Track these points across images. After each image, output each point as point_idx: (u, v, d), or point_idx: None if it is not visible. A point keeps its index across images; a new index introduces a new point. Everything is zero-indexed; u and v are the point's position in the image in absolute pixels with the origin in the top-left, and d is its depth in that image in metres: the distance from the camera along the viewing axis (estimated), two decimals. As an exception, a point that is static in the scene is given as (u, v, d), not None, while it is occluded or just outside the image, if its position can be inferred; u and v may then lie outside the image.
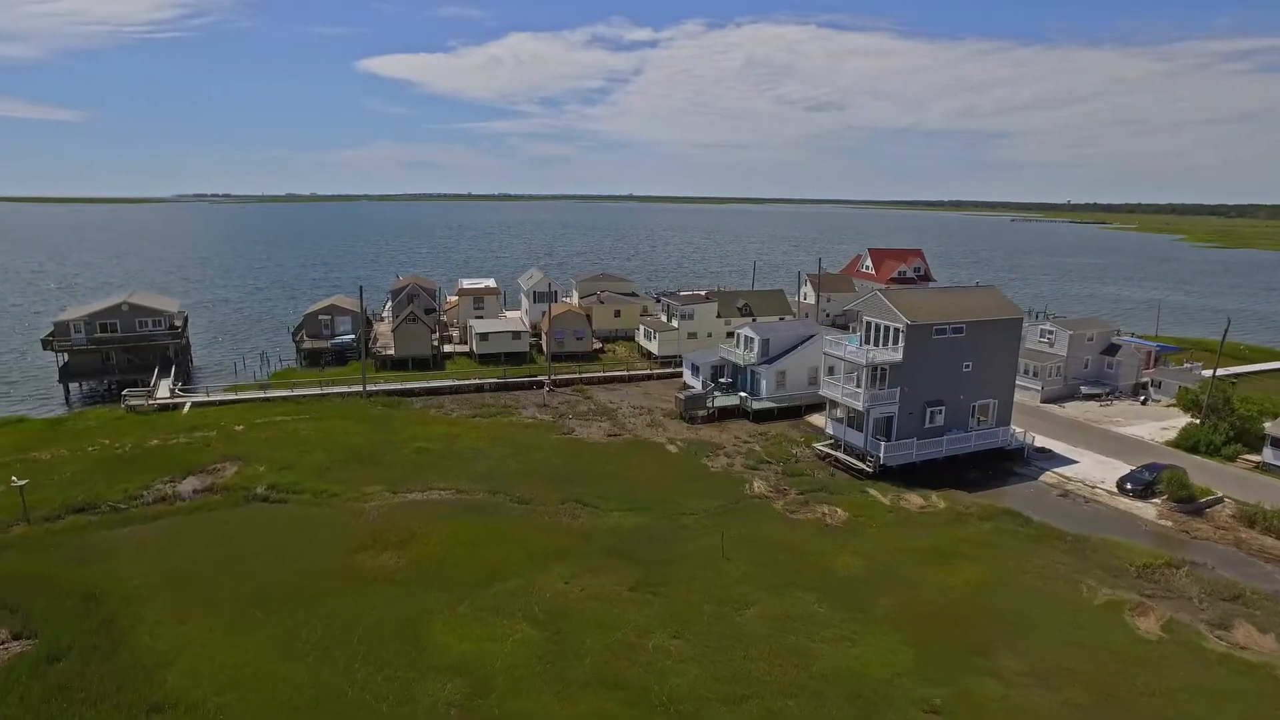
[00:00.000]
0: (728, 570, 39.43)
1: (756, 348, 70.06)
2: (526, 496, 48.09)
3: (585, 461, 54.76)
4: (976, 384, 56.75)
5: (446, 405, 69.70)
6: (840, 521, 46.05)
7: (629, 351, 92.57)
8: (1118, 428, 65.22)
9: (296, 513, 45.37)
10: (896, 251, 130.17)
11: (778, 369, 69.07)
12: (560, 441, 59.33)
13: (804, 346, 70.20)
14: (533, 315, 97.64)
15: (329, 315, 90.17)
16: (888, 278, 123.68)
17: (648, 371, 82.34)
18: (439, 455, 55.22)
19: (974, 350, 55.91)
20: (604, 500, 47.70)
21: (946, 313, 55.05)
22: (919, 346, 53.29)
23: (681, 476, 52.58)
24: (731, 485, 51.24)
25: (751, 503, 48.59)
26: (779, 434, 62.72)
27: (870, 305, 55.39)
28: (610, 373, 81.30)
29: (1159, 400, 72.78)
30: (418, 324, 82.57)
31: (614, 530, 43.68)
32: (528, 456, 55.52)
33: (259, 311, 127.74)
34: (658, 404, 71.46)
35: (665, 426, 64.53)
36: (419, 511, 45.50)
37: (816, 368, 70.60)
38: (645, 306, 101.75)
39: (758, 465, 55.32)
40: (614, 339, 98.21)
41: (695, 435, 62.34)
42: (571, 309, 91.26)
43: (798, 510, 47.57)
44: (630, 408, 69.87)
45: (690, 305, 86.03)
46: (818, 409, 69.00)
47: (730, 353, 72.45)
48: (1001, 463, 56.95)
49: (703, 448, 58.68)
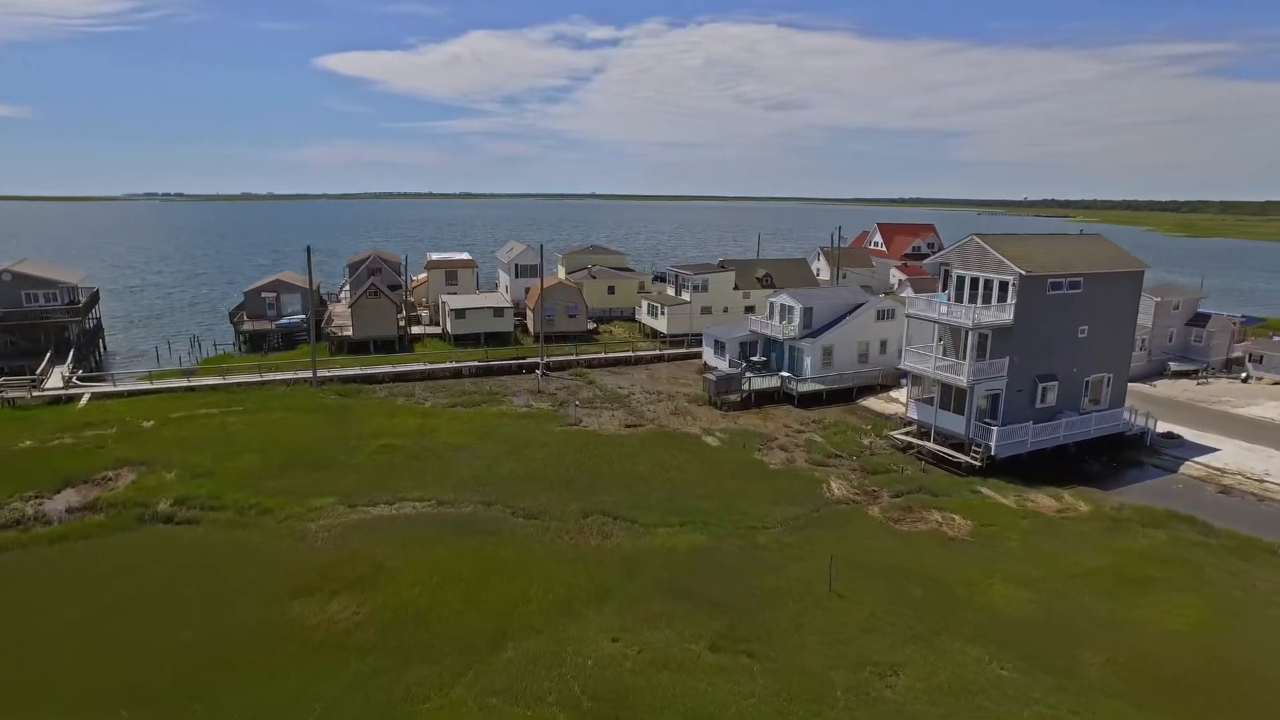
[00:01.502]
0: (844, 612, 27.06)
1: (797, 318, 57.85)
2: (534, 508, 35.28)
3: (605, 460, 42.00)
4: (1092, 354, 45.12)
5: (418, 393, 56.38)
6: (964, 533, 33.97)
7: (628, 332, 79.90)
8: (1234, 409, 54.22)
9: (211, 538, 31.99)
10: (908, 227, 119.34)
11: (823, 344, 56.92)
12: (567, 435, 46.49)
13: (853, 317, 58.16)
14: (514, 292, 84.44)
15: (274, 293, 76.03)
16: (900, 254, 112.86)
17: (658, 352, 69.70)
18: (410, 455, 42.07)
19: (1091, 311, 44.27)
20: (642, 511, 35.08)
21: (1064, 262, 43.30)
22: (1032, 305, 41.44)
23: (735, 476, 40.09)
24: (803, 487, 38.89)
25: (838, 510, 36.27)
26: (837, 421, 50.53)
27: (964, 254, 43.40)
28: (613, 354, 68.52)
29: (1261, 377, 62.13)
30: (380, 298, 68.94)
31: (666, 555, 31.06)
32: (528, 454, 42.64)
33: (194, 294, 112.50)
34: (677, 388, 58.88)
35: (693, 414, 52.00)
36: (386, 533, 32.44)
37: (867, 342, 58.77)
38: (642, 283, 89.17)
39: (826, 460, 43.03)
40: (609, 318, 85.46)
41: (734, 424, 49.89)
42: (563, 282, 78.28)
43: (902, 519, 35.37)
44: (644, 393, 57.21)
45: (704, 276, 73.62)
46: (869, 391, 57.11)
47: (763, 326, 60.14)
48: (1122, 452, 45.44)
49: (749, 439, 46.25)
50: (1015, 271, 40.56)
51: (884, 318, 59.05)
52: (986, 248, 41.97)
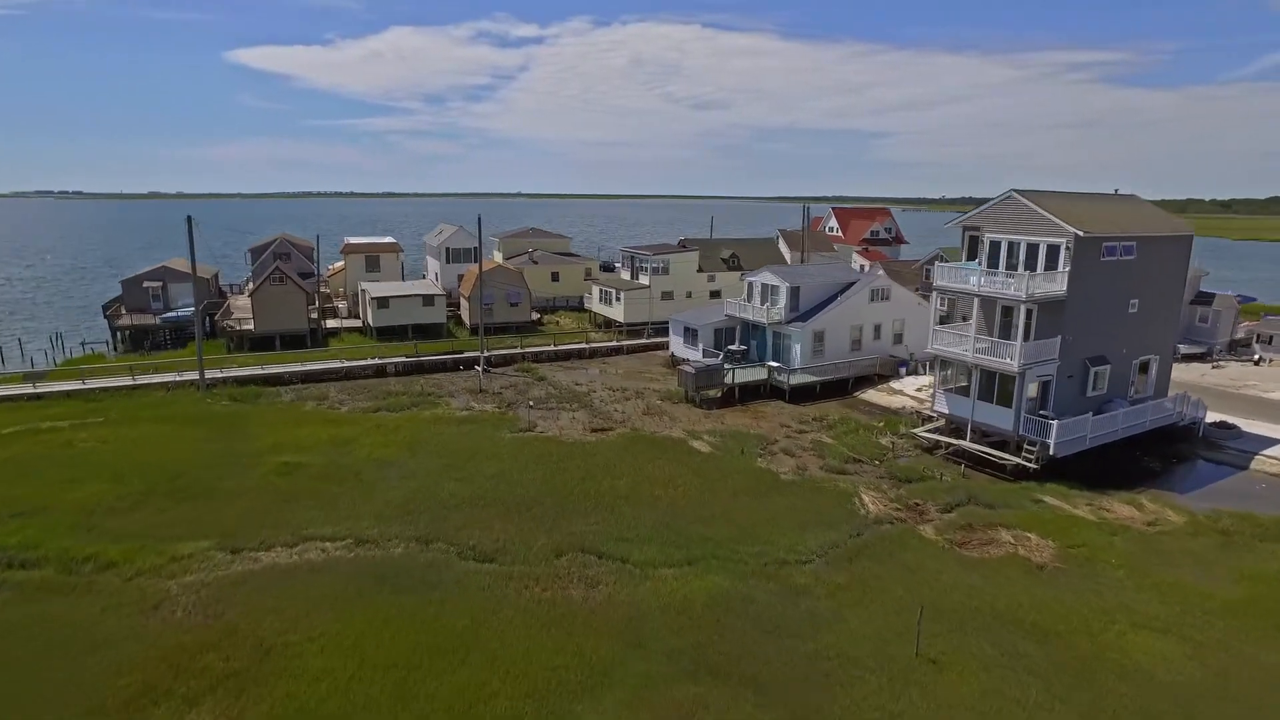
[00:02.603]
0: (947, 689, 18.98)
1: (783, 300, 49.99)
2: (488, 546, 26.22)
3: (573, 474, 33.14)
4: (1141, 332, 38.52)
5: (332, 396, 46.32)
6: (1050, 557, 26.40)
7: (577, 322, 70.94)
8: (1266, 394, 48.73)
9: (7, 617, 21.86)
10: (863, 210, 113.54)
11: (814, 328, 49.20)
12: (520, 443, 37.40)
13: (845, 298, 50.62)
14: (446, 280, 74.47)
15: (159, 281, 64.34)
16: (859, 239, 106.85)
17: (615, 343, 60.96)
18: (320, 475, 32.43)
19: (1143, 282, 37.62)
20: (634, 545, 26.40)
21: (1116, 223, 36.46)
22: (1085, 273, 34.41)
23: (742, 492, 31.75)
24: (830, 503, 30.81)
25: (883, 533, 28.28)
26: (842, 417, 42.74)
27: (1000, 215, 36.09)
28: (564, 346, 59.46)
29: (1272, 359, 57.30)
30: (286, 285, 58.26)
31: (679, 611, 22.45)
32: (473, 470, 33.48)
33: (66, 288, 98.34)
34: (644, 384, 50.30)
35: (670, 414, 43.50)
36: (281, 593, 22.93)
37: (860, 326, 51.30)
38: (589, 269, 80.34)
39: (844, 467, 35.11)
40: (553, 308, 76.33)
41: (721, 425, 41.60)
42: (502, 266, 68.76)
43: (967, 541, 27.62)
44: (607, 390, 48.44)
45: (664, 257, 65.23)
46: (866, 383, 49.69)
47: (742, 309, 52.09)
48: (1174, 445, 38.96)
49: (745, 443, 38.00)
50: (1070, 232, 33.39)
51: (878, 298, 51.76)
52: (1032, 205, 34.68)
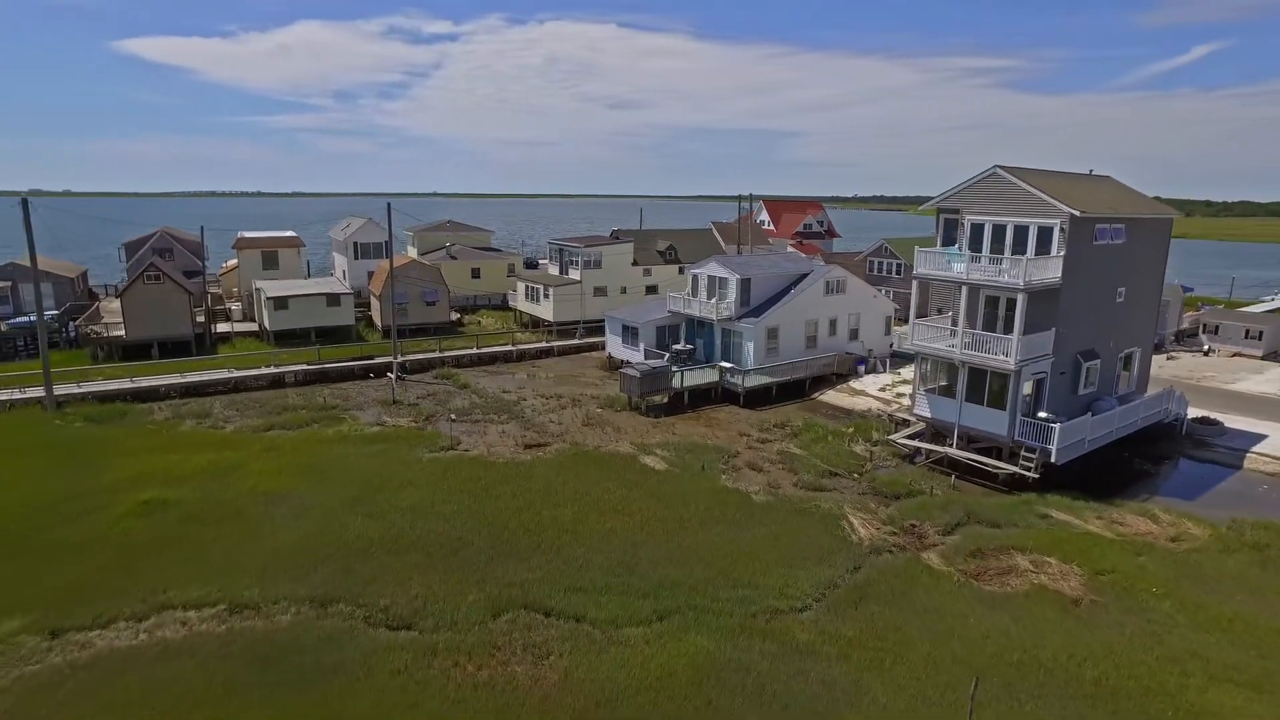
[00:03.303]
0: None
1: (733, 294, 45.40)
2: (406, 606, 20.52)
3: (508, 504, 27.59)
4: (1127, 323, 35.47)
5: (217, 412, 39.29)
6: (1081, 588, 22.37)
7: (500, 321, 64.93)
8: (1228, 385, 46.91)
9: None
10: (795, 204, 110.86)
11: (767, 324, 44.77)
12: (443, 465, 31.55)
13: (799, 290, 46.41)
14: (355, 277, 67.32)
15: (7, 281, 55.31)
16: (791, 232, 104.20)
17: (544, 344, 55.29)
18: (189, 515, 25.96)
19: (1130, 267, 34.53)
20: (590, 597, 21.12)
21: (1106, 203, 33.13)
22: (1079, 259, 30.89)
23: (711, 519, 26.78)
24: (814, 529, 26.16)
25: (884, 564, 23.79)
26: (806, 423, 38.33)
27: (983, 194, 32.22)
28: (488, 348, 53.46)
29: (1218, 349, 56.08)
30: (164, 284, 50.41)
31: (657, 686, 17.29)
32: (386, 503, 27.55)
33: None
34: (580, 389, 44.92)
35: (613, 424, 38.29)
36: (110, 698, 16.70)
37: (816, 321, 47.21)
38: (513, 264, 74.34)
39: (821, 482, 30.59)
40: (474, 307, 70.05)
41: (673, 435, 36.67)
42: (417, 262, 62.15)
43: (982, 571, 23.38)
44: (539, 398, 42.85)
45: (596, 249, 59.91)
46: (823, 383, 45.63)
47: (687, 305, 47.27)
48: (1159, 444, 36.05)
49: (704, 457, 33.10)
50: (1064, 211, 29.72)
51: (833, 291, 47.76)
52: (1021, 183, 30.90)
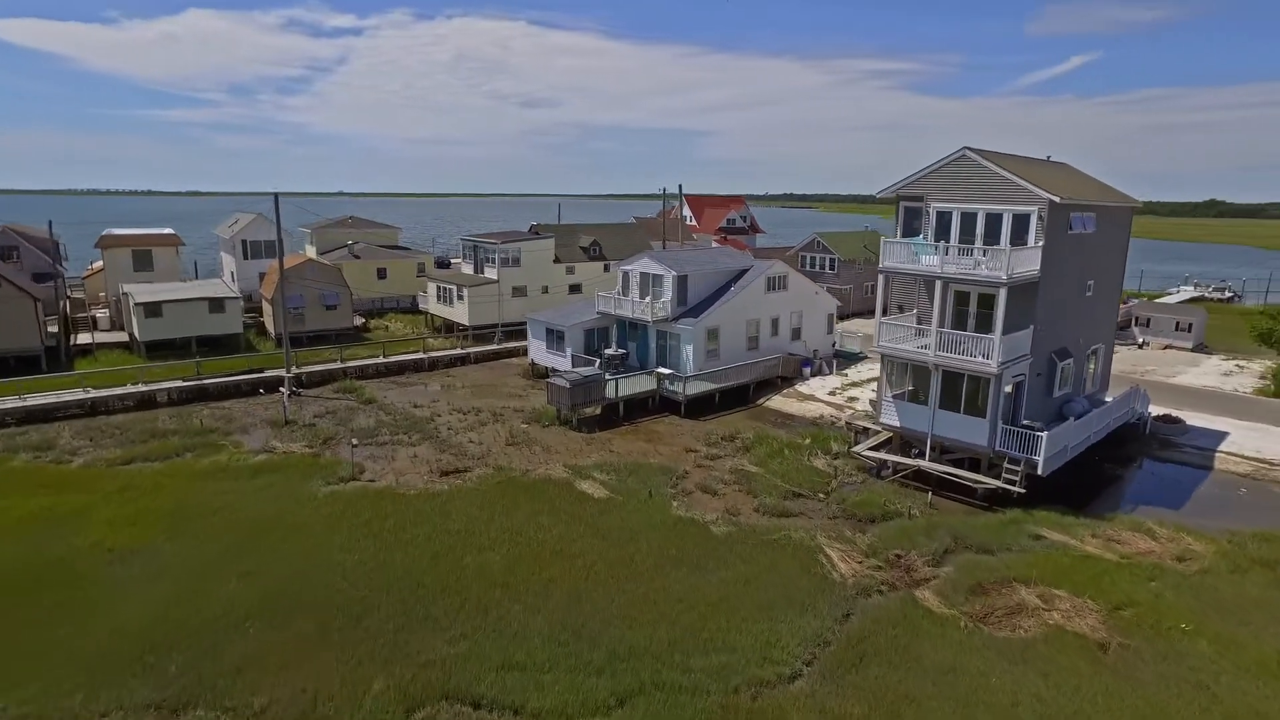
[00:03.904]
0: None
1: (668, 292, 41.45)
2: (291, 706, 15.61)
3: (421, 550, 22.83)
4: (1094, 318, 33.21)
5: (65, 442, 32.83)
6: (1102, 627, 19.27)
7: (410, 326, 59.28)
8: (1170, 379, 45.88)
9: None
10: (718, 199, 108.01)
11: (707, 325, 41.03)
12: (342, 502, 26.43)
13: (739, 288, 42.85)
14: (245, 280, 60.45)
15: None
16: (715, 228, 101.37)
17: (460, 351, 50.09)
18: (3, 585, 20.21)
19: (1098, 259, 32.21)
20: (526, 673, 16.68)
21: (1077, 190, 30.60)
22: (1056, 250, 28.16)
23: (667, 559, 22.63)
24: (788, 566, 22.35)
25: (874, 607, 20.16)
26: (757, 435, 34.62)
27: (950, 179, 29.11)
28: (396, 357, 47.93)
29: (1149, 342, 55.60)
30: (4, 290, 42.93)
31: (629, 821, 13.07)
32: (269, 554, 22.41)
33: None
34: (502, 401, 40.15)
35: (542, 442, 33.75)
36: None
37: (758, 321, 43.77)
38: (423, 263, 68.65)
39: (785, 506, 26.86)
40: (381, 310, 64.05)
41: (611, 453, 32.40)
42: (314, 262, 55.89)
43: (988, 613, 20.00)
44: (455, 413, 37.89)
45: (515, 245, 55.01)
46: (768, 388, 42.25)
47: (619, 305, 43.06)
48: (1125, 445, 33.95)
49: (650, 479, 28.93)
50: (1043, 198, 26.87)
51: (775, 287, 44.42)
52: (994, 167, 27.92)
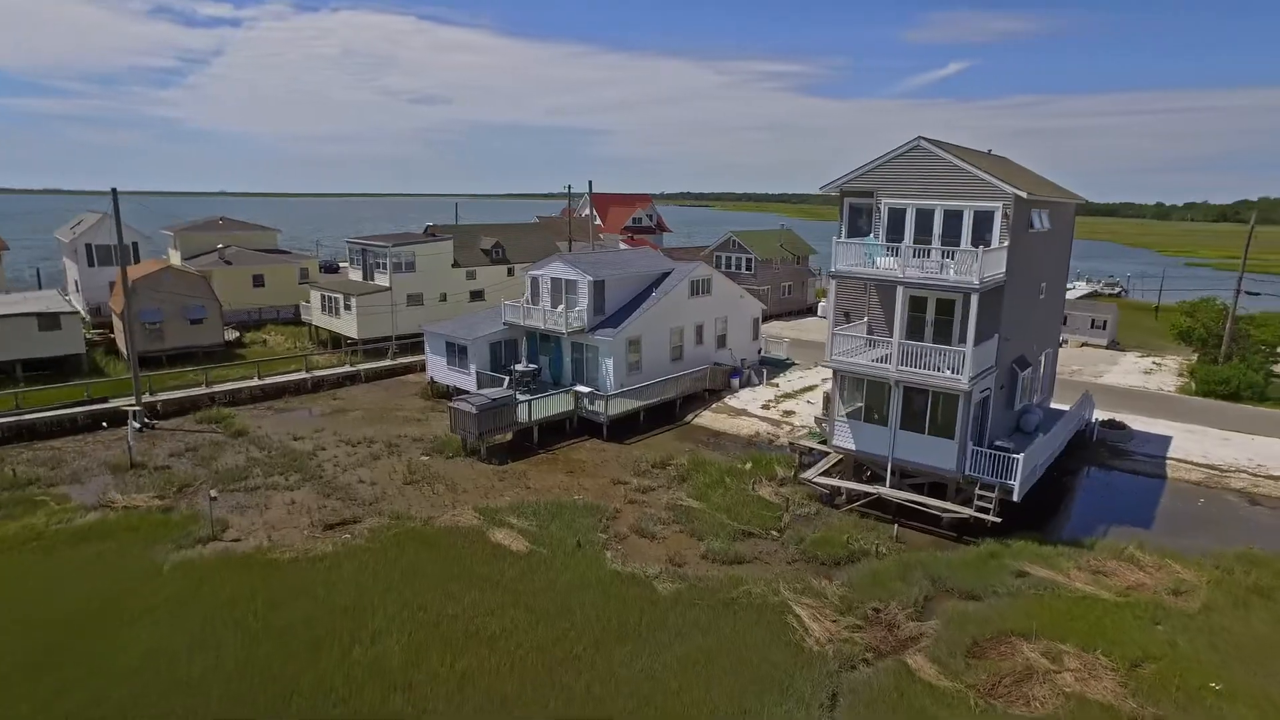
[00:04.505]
0: None
1: (584, 300, 37.31)
2: None
3: (298, 641, 17.96)
4: (1045, 322, 31.22)
5: None
6: (1124, 693, 16.47)
7: (292, 340, 52.91)
8: (1097, 379, 45.18)
9: None
10: (623, 197, 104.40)
11: (628, 336, 37.14)
12: (197, 576, 21.11)
13: (662, 294, 39.14)
14: (91, 290, 52.59)
15: None
16: (620, 227, 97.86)
17: (348, 369, 44.38)
18: None
19: (1051, 258, 30.18)
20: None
21: (1034, 184, 28.27)
22: (1019, 250, 25.65)
23: (608, 633, 18.52)
24: (754, 633, 18.64)
25: (866, 686, 16.68)
26: (692, 460, 30.92)
27: (905, 174, 26.17)
28: (273, 378, 41.88)
29: (1067, 340, 55.33)
30: None
31: None
32: (94, 658, 17.11)
33: None
34: (397, 429, 35.04)
35: (446, 477, 29.01)
36: None
37: (682, 329, 40.24)
38: (306, 268, 62.09)
39: (736, 550, 23.23)
40: (258, 322, 57.20)
41: (527, 489, 28.05)
42: (173, 269, 48.78)
43: (997, 684, 16.85)
44: (342, 444, 32.61)
45: (408, 248, 49.56)
46: (696, 403, 38.81)
47: (529, 314, 38.57)
48: (1077, 454, 32.14)
49: (576, 523, 24.74)
50: (1008, 193, 24.27)
51: (699, 292, 40.97)
52: (953, 159, 25.12)
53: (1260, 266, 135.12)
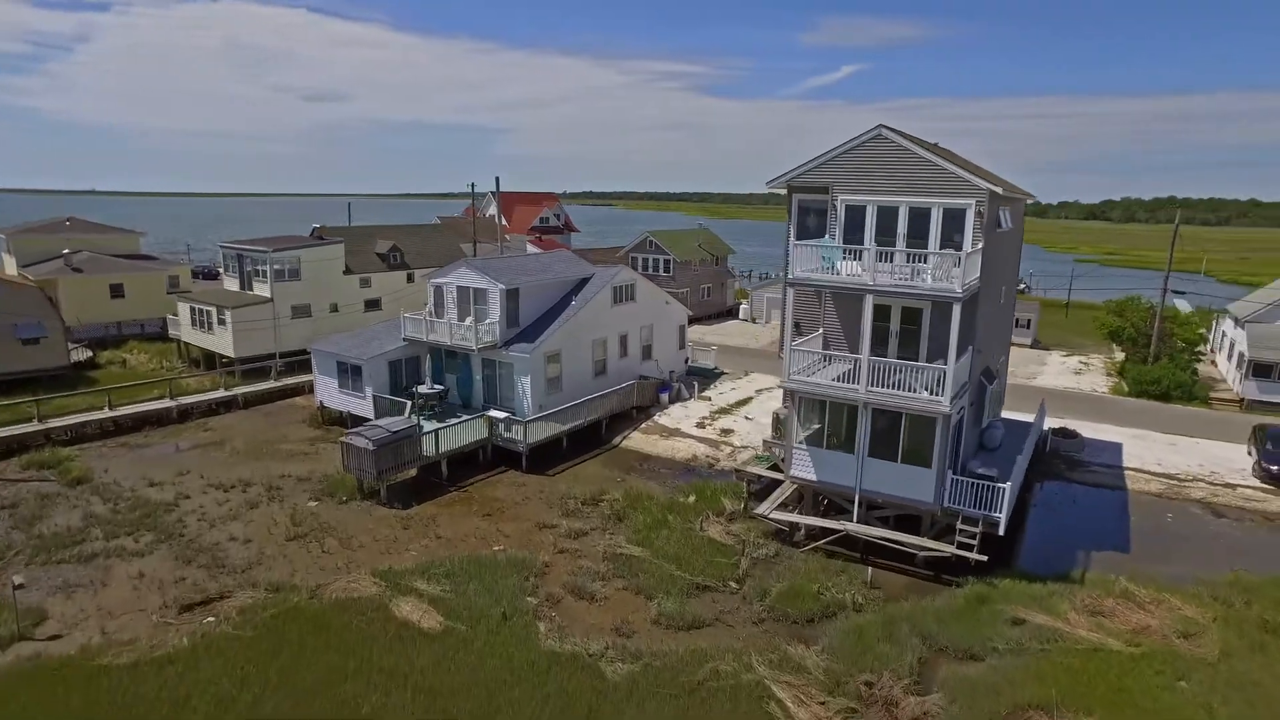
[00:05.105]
0: None
1: (496, 310, 33.00)
2: None
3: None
4: (1002, 329, 29.09)
5: None
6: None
7: (158, 359, 46.27)
8: (1032, 381, 44.01)
9: None
10: (529, 196, 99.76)
11: (546, 351, 33.08)
12: (-6, 688, 15.97)
13: (583, 302, 35.25)
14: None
15: None
16: (527, 227, 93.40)
17: (223, 394, 38.49)
18: None
19: (1009, 260, 28.01)
20: None
21: (996, 180, 25.85)
22: (990, 252, 23.10)
23: (551, 747, 14.74)
24: (730, 730, 15.23)
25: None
26: (628, 494, 27.13)
27: (863, 167, 23.22)
28: (127, 408, 35.68)
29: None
30: None
31: None
32: None
33: None
34: (279, 466, 29.86)
35: (339, 529, 24.31)
36: None
37: (605, 342, 36.58)
38: (176, 276, 55.11)
39: (692, 610, 19.66)
40: (117, 340, 49.95)
41: (436, 540, 23.71)
42: (6, 280, 41.44)
43: (1028, 786, 13.93)
44: (212, 489, 27.30)
45: (291, 254, 43.81)
46: (624, 422, 35.20)
47: (433, 329, 33.95)
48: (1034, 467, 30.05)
49: (499, 585, 20.59)
50: (981, 189, 21.65)
51: (623, 299, 37.32)
52: (920, 151, 22.35)
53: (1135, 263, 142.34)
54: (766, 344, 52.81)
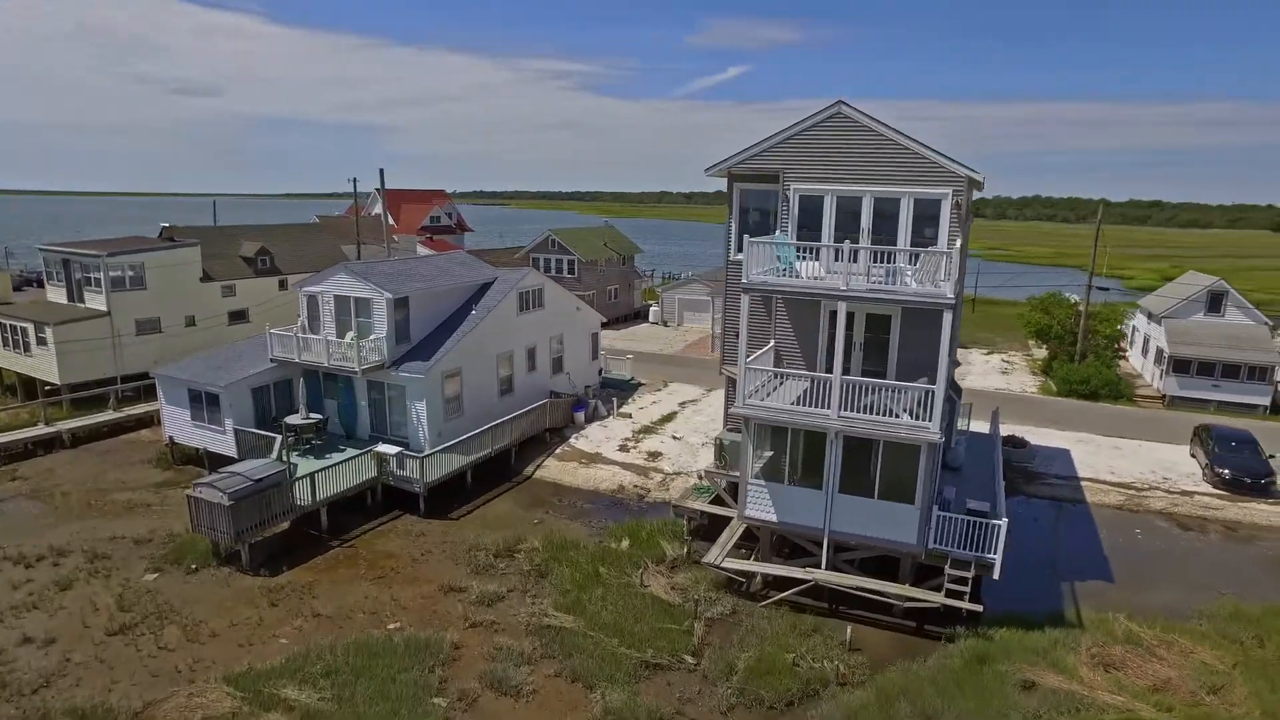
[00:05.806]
0: None
1: (383, 324, 28.00)
2: None
3: None
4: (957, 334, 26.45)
5: None
6: None
7: (-33, 390, 38.54)
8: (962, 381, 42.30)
9: None
10: (418, 194, 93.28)
11: (444, 370, 28.38)
12: None
13: (485, 312, 30.66)
14: None
15: None
16: (417, 226, 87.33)
17: (44, 430, 31.69)
18: None
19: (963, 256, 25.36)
20: None
21: (955, 165, 23.07)
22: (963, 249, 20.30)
23: None
24: None
25: None
26: (551, 540, 22.88)
27: (820, 152, 19.92)
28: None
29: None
30: None
31: None
32: None
33: None
34: (110, 525, 24.03)
35: (181, 615, 19.03)
36: None
37: (511, 356, 32.18)
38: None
39: (641, 705, 15.78)
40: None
41: (313, 621, 18.85)
42: None
43: None
44: (13, 563, 21.39)
45: (133, 257, 37.11)
46: (536, 448, 30.94)
47: (307, 346, 28.59)
48: (984, 484, 27.95)
49: (395, 679, 16.10)
50: (959, 175, 18.74)
51: (530, 306, 32.97)
52: (888, 132, 19.25)
53: (1020, 257, 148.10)
54: (681, 349, 49.51)
